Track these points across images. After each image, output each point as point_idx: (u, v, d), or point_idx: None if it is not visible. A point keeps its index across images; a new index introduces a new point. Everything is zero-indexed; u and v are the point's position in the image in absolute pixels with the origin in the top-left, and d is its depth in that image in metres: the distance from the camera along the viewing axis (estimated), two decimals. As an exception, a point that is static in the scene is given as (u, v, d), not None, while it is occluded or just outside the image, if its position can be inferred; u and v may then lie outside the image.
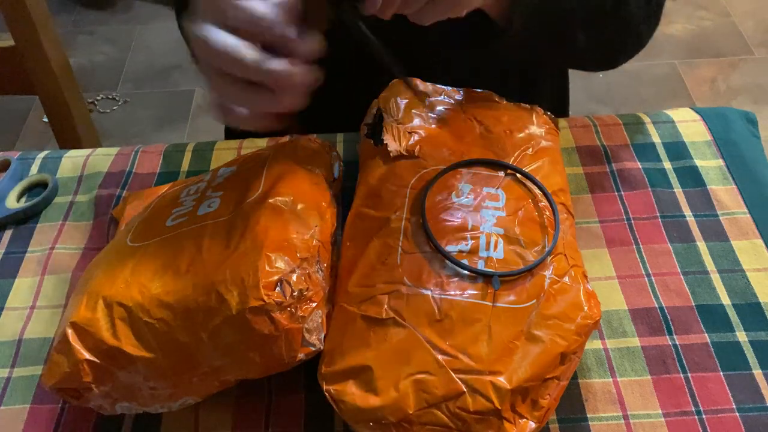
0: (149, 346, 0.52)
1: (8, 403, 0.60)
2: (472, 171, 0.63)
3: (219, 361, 0.53)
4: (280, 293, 0.51)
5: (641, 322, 0.62)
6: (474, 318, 0.53)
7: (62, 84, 1.24)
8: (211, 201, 0.61)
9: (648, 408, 0.57)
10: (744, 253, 0.67)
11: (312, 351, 0.54)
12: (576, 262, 0.58)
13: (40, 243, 0.72)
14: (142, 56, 2.35)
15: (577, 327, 0.53)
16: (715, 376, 0.59)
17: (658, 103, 2.11)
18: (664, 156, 0.76)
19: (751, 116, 0.80)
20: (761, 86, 2.14)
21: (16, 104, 2.18)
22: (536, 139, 0.66)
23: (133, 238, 0.60)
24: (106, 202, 0.74)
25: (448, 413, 0.50)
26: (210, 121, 2.10)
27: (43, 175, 0.77)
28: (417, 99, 0.68)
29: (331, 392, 0.53)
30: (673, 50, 2.26)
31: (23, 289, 0.68)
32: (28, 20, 1.13)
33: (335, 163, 0.68)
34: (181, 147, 0.80)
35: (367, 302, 0.55)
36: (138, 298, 0.53)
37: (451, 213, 0.59)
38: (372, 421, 0.51)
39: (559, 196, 0.62)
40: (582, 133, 0.78)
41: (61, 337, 0.54)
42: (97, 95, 2.21)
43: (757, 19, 2.37)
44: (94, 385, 0.53)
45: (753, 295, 0.64)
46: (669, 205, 0.71)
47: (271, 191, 0.59)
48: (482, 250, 0.56)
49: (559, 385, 0.53)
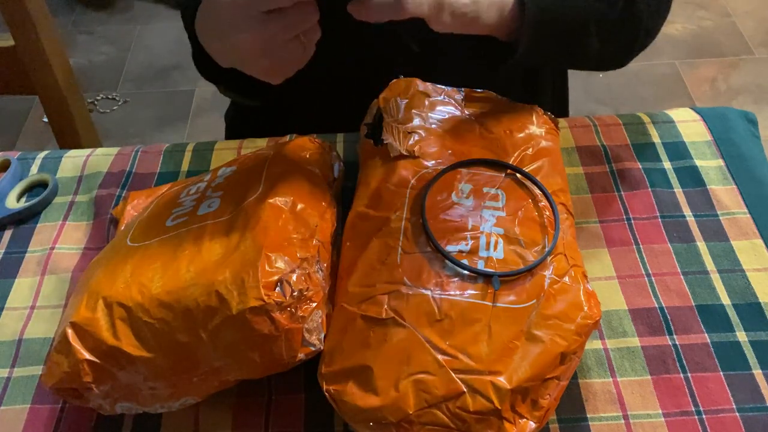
0: (149, 346, 0.52)
1: (8, 403, 0.60)
2: (472, 171, 0.63)
3: (219, 361, 0.53)
4: (280, 293, 0.51)
5: (641, 322, 0.62)
6: (474, 318, 0.53)
7: (62, 84, 1.24)
8: (211, 201, 0.61)
9: (648, 408, 0.57)
10: (744, 253, 0.67)
11: (312, 351, 0.54)
12: (576, 262, 0.58)
13: (40, 243, 0.72)
14: (142, 56, 2.35)
15: (577, 327, 0.53)
16: (715, 376, 0.59)
17: (658, 103, 2.11)
18: (664, 156, 0.76)
19: (751, 116, 0.80)
20: (761, 86, 2.14)
21: (16, 104, 2.18)
22: (536, 139, 0.66)
23: (133, 238, 0.60)
24: (106, 202, 0.74)
25: (448, 413, 0.50)
26: (210, 121, 2.10)
27: (43, 175, 0.77)
28: (417, 98, 0.68)
29: (331, 392, 0.53)
30: (673, 50, 2.26)
31: (23, 289, 0.68)
32: (28, 20, 1.13)
33: (335, 163, 0.68)
34: (181, 147, 0.80)
35: (367, 302, 0.55)
36: (138, 298, 0.53)
37: (451, 213, 0.59)
38: (372, 421, 0.51)
39: (559, 196, 0.62)
40: (582, 133, 0.78)
41: (61, 337, 0.54)
42: (97, 95, 2.21)
43: (757, 19, 2.36)
44: (94, 385, 0.53)
45: (753, 295, 0.64)
46: (669, 205, 0.71)
47: (271, 191, 0.59)
48: (482, 250, 0.56)
49: (559, 385, 0.53)
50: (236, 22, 0.56)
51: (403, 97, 0.68)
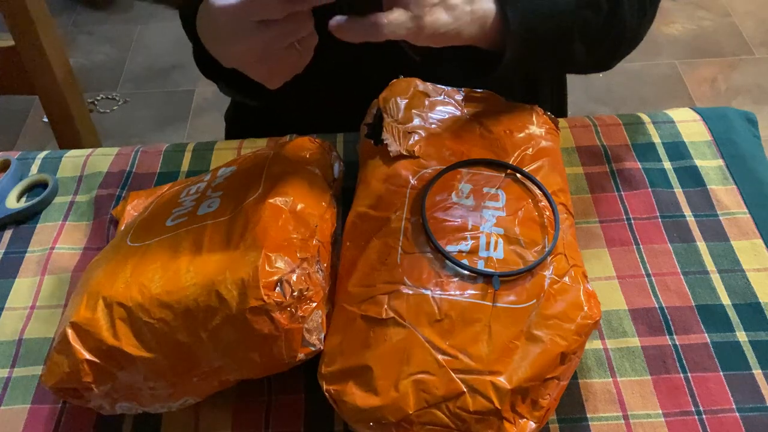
0: (149, 346, 0.52)
1: (8, 403, 0.60)
2: (472, 171, 0.63)
3: (219, 361, 0.53)
4: (280, 293, 0.51)
5: (641, 322, 0.62)
6: (474, 318, 0.53)
7: (62, 84, 1.24)
8: (211, 201, 0.61)
9: (648, 408, 0.57)
10: (744, 253, 0.67)
11: (312, 351, 0.54)
12: (576, 262, 0.58)
13: (40, 243, 0.72)
14: (142, 56, 2.35)
15: (577, 327, 0.53)
16: (715, 376, 0.59)
17: (658, 103, 2.11)
18: (664, 156, 0.76)
19: (751, 116, 0.80)
20: (761, 86, 2.14)
21: (16, 104, 2.18)
22: (536, 139, 0.66)
23: (133, 238, 0.60)
24: (106, 202, 0.74)
25: (448, 413, 0.50)
26: (210, 121, 2.10)
27: (43, 175, 0.77)
28: (417, 98, 0.68)
29: (331, 392, 0.53)
30: (673, 50, 2.26)
31: (23, 289, 0.68)
32: (28, 20, 1.14)
33: (335, 163, 0.68)
34: (181, 147, 0.80)
35: (367, 302, 0.55)
36: (138, 298, 0.53)
37: (451, 213, 0.59)
38: (372, 421, 0.51)
39: (559, 196, 0.62)
40: (582, 133, 0.78)
41: (61, 337, 0.54)
42: (97, 95, 2.21)
43: (757, 19, 2.36)
44: (94, 385, 0.53)
45: (753, 295, 0.64)
46: (669, 205, 0.71)
47: (271, 191, 0.59)
48: (482, 250, 0.56)
49: (559, 385, 0.53)
50: (232, 31, 0.56)
51: (403, 97, 0.68)
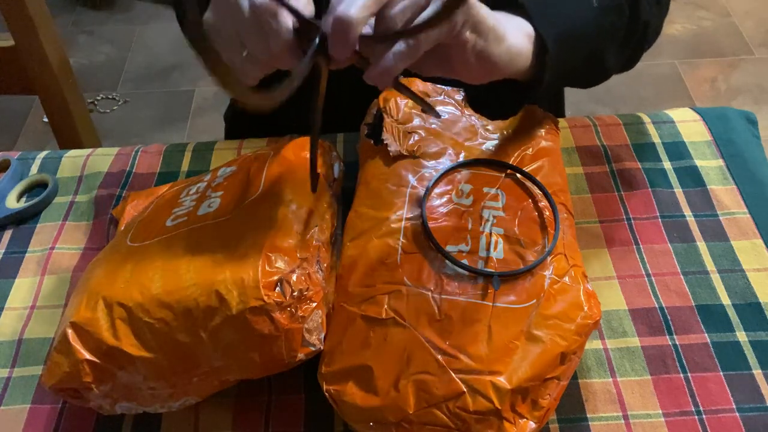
0: (149, 346, 0.52)
1: (8, 403, 0.60)
2: (472, 171, 0.63)
3: (219, 361, 0.53)
4: (280, 293, 0.51)
5: (641, 322, 0.62)
6: (474, 318, 0.53)
7: (62, 84, 1.24)
8: (211, 201, 0.61)
9: (648, 408, 0.57)
10: (744, 253, 0.67)
11: (312, 351, 0.54)
12: (576, 262, 0.58)
13: (40, 243, 0.72)
14: (142, 56, 2.35)
15: (577, 327, 0.53)
16: (715, 376, 0.59)
17: (658, 103, 2.11)
18: (664, 156, 0.76)
19: (751, 116, 0.80)
20: (761, 86, 2.14)
21: (16, 104, 2.18)
22: (536, 139, 0.66)
23: (133, 238, 0.60)
24: (106, 202, 0.74)
25: (448, 413, 0.50)
26: (210, 121, 2.10)
27: (43, 175, 0.77)
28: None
29: (331, 392, 0.53)
30: (673, 50, 2.26)
31: (23, 289, 0.68)
32: (28, 20, 1.13)
33: (335, 163, 0.68)
34: (181, 147, 0.80)
35: (367, 302, 0.55)
36: (138, 298, 0.53)
37: (452, 213, 0.59)
38: (372, 421, 0.51)
39: (559, 196, 0.62)
40: (582, 133, 0.78)
41: (61, 337, 0.54)
42: (97, 95, 2.21)
43: (757, 19, 2.36)
44: (94, 385, 0.53)
45: (753, 295, 0.64)
46: (669, 205, 0.71)
47: (271, 191, 0.59)
48: (482, 250, 0.56)
49: (559, 385, 0.53)
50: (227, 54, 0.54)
51: (403, 97, 0.68)
